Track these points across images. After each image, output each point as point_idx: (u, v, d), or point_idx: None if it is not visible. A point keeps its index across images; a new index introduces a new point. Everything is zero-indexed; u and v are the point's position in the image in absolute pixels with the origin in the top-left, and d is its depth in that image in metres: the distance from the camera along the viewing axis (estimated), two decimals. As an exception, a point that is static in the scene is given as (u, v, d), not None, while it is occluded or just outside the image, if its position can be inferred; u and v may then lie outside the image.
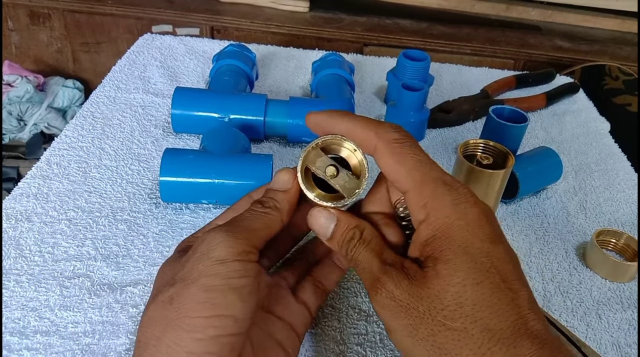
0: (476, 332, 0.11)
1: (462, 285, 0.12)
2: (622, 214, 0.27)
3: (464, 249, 0.12)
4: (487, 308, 0.12)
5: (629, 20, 0.73)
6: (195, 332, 0.12)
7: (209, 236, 0.13)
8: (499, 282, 0.12)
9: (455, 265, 0.12)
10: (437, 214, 0.12)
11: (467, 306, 0.12)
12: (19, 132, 0.74)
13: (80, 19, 0.70)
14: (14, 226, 0.22)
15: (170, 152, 0.23)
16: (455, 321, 0.11)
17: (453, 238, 0.12)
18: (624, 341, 0.20)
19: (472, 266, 0.12)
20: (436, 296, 0.12)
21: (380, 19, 0.70)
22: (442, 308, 0.12)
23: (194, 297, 0.12)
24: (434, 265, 0.12)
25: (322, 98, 0.30)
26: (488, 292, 0.12)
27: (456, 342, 0.11)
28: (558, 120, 0.35)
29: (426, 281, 0.12)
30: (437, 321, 0.12)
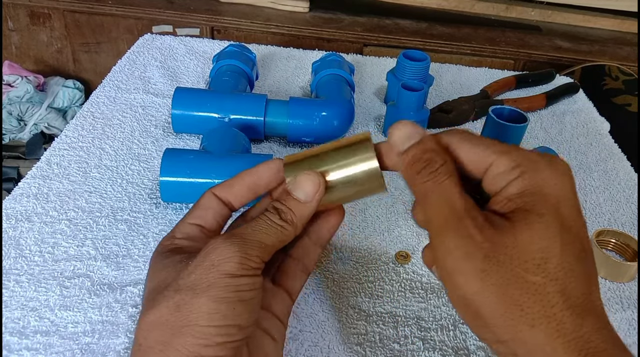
0: (552, 292, 0.11)
1: (553, 241, 0.11)
2: (622, 214, 0.27)
3: (557, 209, 0.12)
4: (569, 272, 0.11)
5: (628, 20, 0.73)
6: (204, 339, 0.12)
7: (222, 247, 0.13)
8: (581, 252, 0.12)
9: (548, 220, 0.11)
10: (533, 172, 0.12)
11: (551, 263, 0.11)
12: (19, 132, 0.74)
13: (81, 19, 0.70)
14: (14, 226, 0.22)
15: (170, 153, 0.23)
16: (536, 275, 0.11)
17: (548, 196, 0.12)
18: (624, 340, 0.19)
19: (563, 228, 0.12)
20: (522, 246, 0.11)
21: (380, 19, 0.70)
22: (526, 260, 0.11)
23: (204, 307, 0.12)
24: (525, 216, 0.12)
25: (322, 98, 0.30)
26: (572, 257, 0.11)
27: (530, 296, 0.11)
28: (558, 121, 0.35)
29: (514, 230, 0.12)
30: (515, 272, 0.11)
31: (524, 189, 0.12)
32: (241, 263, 0.13)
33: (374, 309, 0.20)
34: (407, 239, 0.23)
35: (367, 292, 0.20)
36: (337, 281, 0.21)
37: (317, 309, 0.19)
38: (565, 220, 0.12)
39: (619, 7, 0.73)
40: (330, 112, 0.28)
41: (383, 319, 0.19)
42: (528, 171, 0.12)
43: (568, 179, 0.12)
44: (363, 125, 0.32)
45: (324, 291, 0.20)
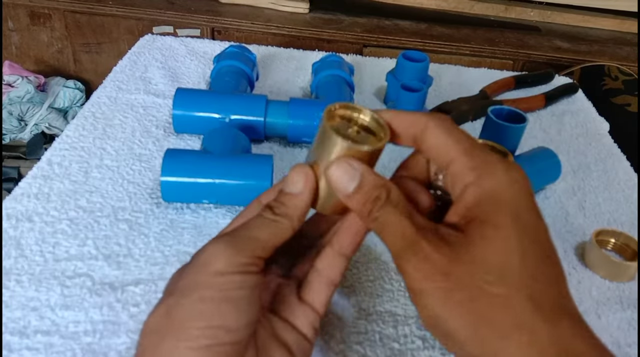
0: (518, 301, 0.11)
1: (511, 251, 0.11)
2: (622, 213, 0.27)
3: (516, 216, 0.11)
4: (532, 278, 0.11)
5: (628, 20, 0.73)
6: (189, 342, 0.12)
7: (210, 246, 0.13)
8: (543, 256, 0.11)
9: (504, 230, 0.11)
10: (489, 177, 0.12)
11: (513, 273, 0.11)
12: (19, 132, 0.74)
13: (81, 20, 0.70)
14: (14, 226, 0.22)
15: (171, 153, 0.23)
16: (499, 287, 0.11)
17: (504, 203, 0.11)
18: (624, 340, 0.20)
19: (521, 235, 0.11)
20: (480, 260, 0.11)
21: (380, 20, 0.70)
22: (486, 272, 0.11)
23: (188, 308, 0.12)
24: (480, 228, 0.11)
25: (322, 99, 0.30)
26: (534, 264, 0.11)
27: (495, 309, 0.11)
28: (557, 121, 0.35)
29: (469, 245, 0.11)
30: (477, 287, 0.11)
31: (481, 197, 0.12)
32: (229, 259, 0.12)
33: (374, 308, 0.20)
34: (407, 239, 0.23)
35: (367, 291, 0.20)
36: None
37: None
38: (523, 227, 0.11)
39: (619, 7, 0.73)
40: (331, 112, 0.29)
41: (383, 318, 0.19)
42: (485, 175, 0.12)
43: (525, 184, 0.12)
44: (363, 126, 0.32)
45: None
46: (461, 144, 0.13)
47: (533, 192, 0.12)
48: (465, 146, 0.13)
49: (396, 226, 0.12)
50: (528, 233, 0.11)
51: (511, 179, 0.12)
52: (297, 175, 0.14)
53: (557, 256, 0.12)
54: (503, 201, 0.12)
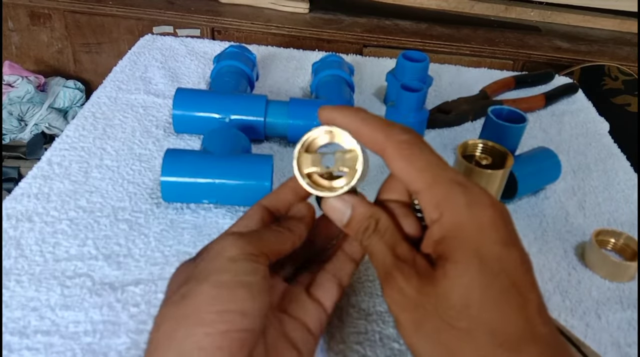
0: (480, 335, 0.11)
1: (470, 287, 0.12)
2: (622, 213, 0.27)
3: (475, 251, 0.12)
4: (494, 311, 0.11)
5: (628, 20, 0.73)
6: (206, 327, 0.12)
7: (222, 239, 0.14)
8: (508, 286, 0.12)
9: (463, 267, 0.12)
10: (450, 215, 0.12)
11: (473, 307, 0.12)
12: (19, 132, 0.74)
13: (81, 20, 0.70)
14: (14, 226, 0.22)
15: (171, 153, 0.23)
16: (461, 321, 0.11)
17: (464, 240, 0.12)
18: (624, 340, 0.20)
19: (481, 269, 0.12)
20: (443, 295, 0.12)
21: (380, 20, 0.70)
22: (449, 307, 0.12)
23: (205, 293, 0.12)
24: (443, 265, 0.12)
25: (322, 99, 0.30)
26: (496, 296, 0.12)
27: (460, 343, 0.11)
28: (557, 121, 0.35)
29: (435, 280, 0.12)
30: (443, 320, 0.12)
31: (443, 234, 0.12)
32: (240, 247, 0.13)
33: (374, 308, 0.20)
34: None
35: (367, 291, 0.20)
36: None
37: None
38: (485, 260, 0.12)
39: (619, 7, 0.73)
40: (330, 112, 0.29)
41: (383, 318, 0.19)
42: (446, 213, 0.12)
43: (490, 213, 0.12)
44: (363, 126, 0.32)
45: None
46: (423, 174, 0.13)
47: (505, 219, 0.12)
48: (427, 179, 0.13)
49: (379, 255, 0.14)
50: (490, 267, 0.12)
51: (472, 215, 0.12)
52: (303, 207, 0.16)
53: (528, 280, 0.12)
54: (463, 238, 0.12)
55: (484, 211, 0.12)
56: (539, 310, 0.12)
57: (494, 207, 0.12)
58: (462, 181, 0.13)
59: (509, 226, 0.13)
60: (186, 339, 0.12)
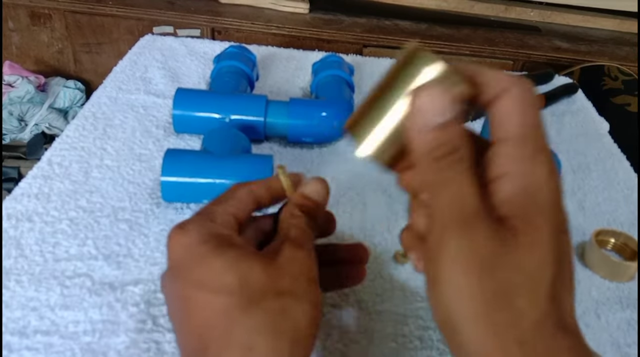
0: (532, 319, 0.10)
1: (546, 268, 0.10)
2: (621, 213, 0.27)
3: (552, 222, 0.10)
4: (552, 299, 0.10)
5: (628, 20, 0.73)
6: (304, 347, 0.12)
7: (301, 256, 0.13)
8: (568, 271, 0.11)
9: (547, 237, 0.10)
10: (533, 174, 0.10)
11: (540, 291, 0.10)
12: (20, 132, 0.74)
13: (81, 20, 0.70)
14: (14, 226, 0.22)
15: (171, 153, 0.23)
16: (524, 301, 0.10)
17: (544, 206, 0.10)
18: (623, 340, 0.20)
19: (556, 248, 0.10)
20: (521, 268, 0.10)
21: (380, 20, 0.70)
22: (519, 284, 0.10)
23: (307, 314, 0.12)
24: (524, 229, 0.10)
25: (322, 99, 0.30)
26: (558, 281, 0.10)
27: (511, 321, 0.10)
28: (557, 121, 0.35)
29: (516, 248, 0.10)
30: (507, 294, 0.10)
31: (521, 192, 0.11)
32: (315, 268, 0.13)
33: (373, 307, 0.20)
34: (406, 239, 0.23)
35: (367, 290, 0.20)
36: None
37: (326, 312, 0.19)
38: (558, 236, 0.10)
39: (619, 7, 0.73)
40: (330, 112, 0.28)
41: (382, 317, 0.19)
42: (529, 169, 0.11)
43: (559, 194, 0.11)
44: (363, 126, 0.32)
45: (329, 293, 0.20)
46: (526, 128, 0.11)
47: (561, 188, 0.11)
48: (526, 132, 0.11)
49: (462, 191, 0.11)
50: (559, 244, 0.11)
51: (551, 184, 0.11)
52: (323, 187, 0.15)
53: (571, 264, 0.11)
54: (543, 204, 0.11)
55: (557, 186, 0.11)
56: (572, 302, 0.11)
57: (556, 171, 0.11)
58: (548, 149, 0.11)
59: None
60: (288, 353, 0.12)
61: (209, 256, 0.13)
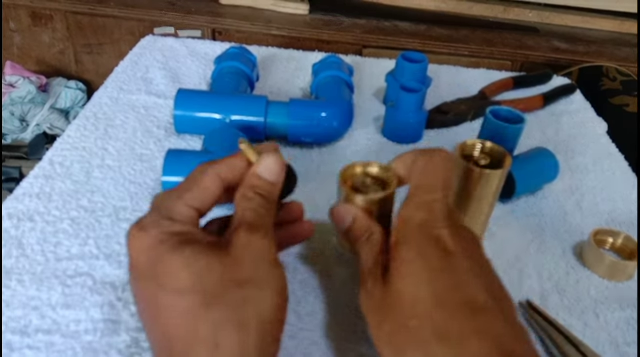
0: (427, 334, 0.12)
1: (419, 283, 0.13)
2: (620, 213, 0.27)
3: (419, 253, 0.13)
4: (439, 307, 0.12)
5: (628, 21, 0.73)
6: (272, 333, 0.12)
7: (256, 241, 0.13)
8: (451, 284, 0.12)
9: (413, 265, 0.13)
10: (406, 225, 0.14)
11: (423, 303, 0.12)
12: (21, 132, 0.74)
13: (83, 21, 0.70)
14: (16, 226, 0.22)
15: (172, 153, 0.23)
16: (412, 320, 0.12)
17: (411, 244, 0.14)
18: (623, 340, 0.20)
19: (425, 267, 0.13)
20: (399, 294, 0.13)
21: (379, 21, 0.71)
22: (403, 306, 0.13)
23: (271, 300, 0.12)
24: (398, 266, 0.14)
25: (322, 100, 0.30)
26: (441, 291, 0.12)
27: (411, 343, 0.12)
28: (555, 121, 0.35)
29: (393, 280, 0.13)
30: (398, 320, 0.12)
31: (397, 238, 0.14)
32: (275, 253, 0.13)
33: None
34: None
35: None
36: (337, 281, 0.21)
37: (317, 308, 0.20)
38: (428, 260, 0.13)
39: (618, 8, 0.73)
40: (330, 113, 0.29)
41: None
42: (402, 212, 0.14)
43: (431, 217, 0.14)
44: (363, 126, 0.32)
45: (324, 291, 0.20)
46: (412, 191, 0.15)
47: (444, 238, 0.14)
48: (410, 194, 0.15)
49: (363, 262, 0.15)
50: (432, 267, 0.13)
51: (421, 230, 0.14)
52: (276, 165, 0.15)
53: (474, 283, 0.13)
54: (411, 243, 0.14)
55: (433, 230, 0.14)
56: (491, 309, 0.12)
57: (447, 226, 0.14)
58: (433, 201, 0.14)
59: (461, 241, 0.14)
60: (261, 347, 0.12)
61: (167, 256, 0.13)
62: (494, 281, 0.13)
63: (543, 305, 0.21)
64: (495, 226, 0.25)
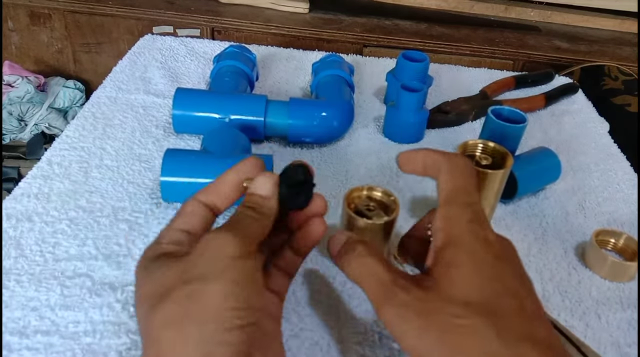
0: (484, 328, 0.12)
1: (470, 287, 0.13)
2: (622, 214, 0.27)
3: (472, 258, 0.14)
4: (492, 310, 0.13)
5: (628, 20, 0.73)
6: (223, 323, 0.12)
7: (218, 237, 0.13)
8: (501, 290, 0.13)
9: (463, 270, 0.13)
10: (454, 226, 0.14)
11: (474, 305, 0.13)
12: (19, 132, 0.74)
13: (81, 20, 0.70)
14: (14, 226, 0.22)
15: (171, 153, 0.23)
16: (465, 319, 0.12)
17: (462, 247, 0.14)
18: (624, 340, 0.20)
19: (476, 272, 0.13)
20: (447, 297, 0.13)
21: (380, 20, 0.70)
22: (453, 307, 0.13)
23: (219, 291, 0.12)
24: (446, 270, 0.14)
25: (322, 99, 0.30)
26: (492, 297, 0.13)
27: (466, 339, 0.12)
28: (557, 121, 0.35)
29: (438, 285, 0.13)
30: (447, 320, 0.13)
31: (446, 242, 0.14)
32: (242, 246, 0.13)
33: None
34: (407, 239, 0.23)
35: (367, 291, 0.21)
36: (338, 281, 0.21)
37: (318, 308, 0.20)
38: (480, 267, 0.14)
39: (619, 7, 0.73)
40: (330, 112, 0.28)
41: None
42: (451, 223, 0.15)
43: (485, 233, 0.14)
44: (363, 126, 0.32)
45: (325, 291, 0.20)
46: (450, 192, 0.15)
47: (495, 239, 0.15)
48: (450, 196, 0.15)
49: (373, 271, 0.14)
50: (484, 272, 0.14)
51: (471, 229, 0.14)
52: (268, 182, 0.15)
53: (522, 289, 0.14)
54: (463, 246, 0.14)
55: (481, 229, 0.14)
56: (538, 316, 0.13)
57: (490, 230, 0.15)
58: (474, 203, 0.15)
59: (505, 247, 0.15)
60: (204, 338, 0.12)
61: (139, 274, 0.14)
62: (532, 289, 0.14)
63: (544, 306, 0.20)
64: (496, 226, 0.25)
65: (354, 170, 0.28)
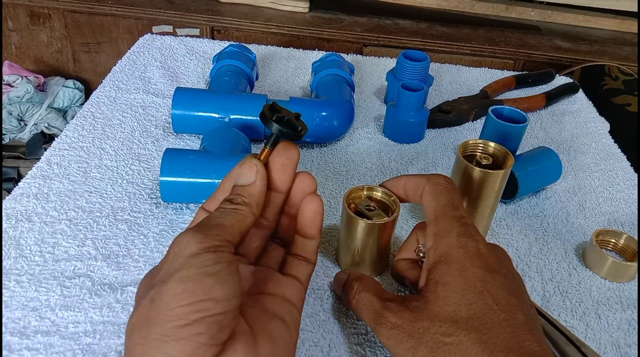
0: (470, 344, 0.13)
1: (457, 304, 0.14)
2: (622, 214, 0.27)
3: (460, 273, 0.14)
4: (479, 325, 0.13)
5: (628, 20, 0.73)
6: (179, 320, 0.12)
7: (179, 238, 0.13)
8: (491, 304, 0.13)
9: (452, 287, 0.14)
10: (443, 242, 0.15)
11: (461, 322, 0.13)
12: (19, 132, 0.74)
13: (81, 19, 0.70)
14: (14, 226, 0.22)
15: (170, 153, 0.23)
16: (451, 336, 0.13)
17: (452, 263, 0.14)
18: (624, 341, 0.20)
19: (466, 288, 0.14)
20: (435, 316, 0.14)
21: (380, 19, 0.70)
22: (440, 326, 0.13)
23: (172, 289, 0.12)
24: (434, 288, 0.14)
25: (322, 98, 0.30)
26: (480, 312, 0.13)
27: (453, 356, 0.13)
28: (557, 121, 0.35)
29: (427, 305, 0.14)
30: (435, 339, 0.13)
31: (436, 259, 0.15)
32: (199, 242, 0.13)
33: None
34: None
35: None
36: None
37: (318, 309, 0.19)
38: (469, 281, 0.14)
39: (619, 7, 0.73)
40: (331, 112, 0.28)
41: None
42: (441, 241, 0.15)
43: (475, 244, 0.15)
44: (363, 125, 0.32)
45: (325, 292, 0.20)
46: (436, 210, 0.16)
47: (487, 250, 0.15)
48: (438, 212, 0.16)
49: (369, 305, 0.16)
50: (474, 286, 0.14)
51: (460, 243, 0.15)
52: (247, 169, 0.15)
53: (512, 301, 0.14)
54: (451, 261, 0.14)
55: (470, 242, 0.15)
56: (529, 329, 0.13)
57: (481, 240, 0.15)
58: (464, 220, 0.15)
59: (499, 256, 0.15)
60: (162, 336, 0.12)
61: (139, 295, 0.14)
62: (526, 299, 0.15)
63: (545, 306, 0.21)
64: (497, 226, 0.25)
65: (354, 170, 0.28)
